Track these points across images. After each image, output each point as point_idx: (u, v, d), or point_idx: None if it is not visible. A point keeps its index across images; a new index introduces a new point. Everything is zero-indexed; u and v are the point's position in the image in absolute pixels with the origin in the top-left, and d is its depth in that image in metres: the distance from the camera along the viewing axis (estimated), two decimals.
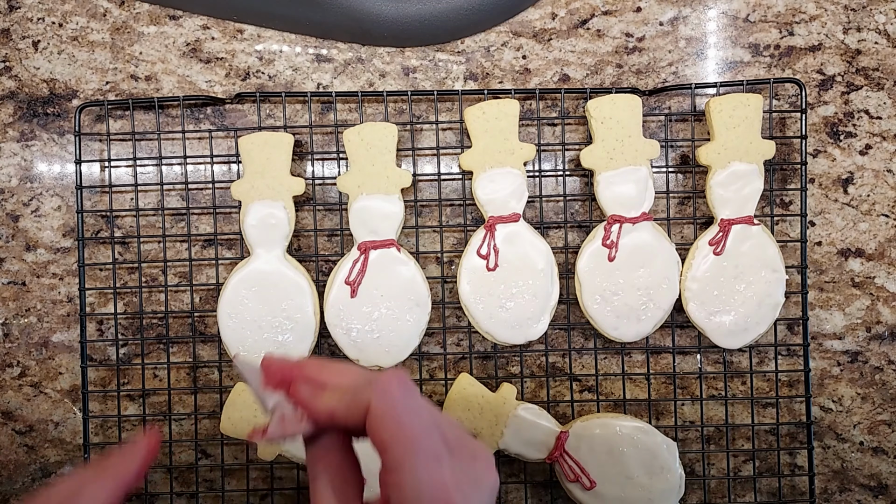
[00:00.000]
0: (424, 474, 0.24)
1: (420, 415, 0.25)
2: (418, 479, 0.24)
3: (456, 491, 0.24)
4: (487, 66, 0.46)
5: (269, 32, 0.46)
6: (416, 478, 0.24)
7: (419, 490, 0.24)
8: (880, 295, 0.46)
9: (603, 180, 0.43)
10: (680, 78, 0.46)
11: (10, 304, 0.46)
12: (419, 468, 0.24)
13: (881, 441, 0.46)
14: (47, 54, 0.45)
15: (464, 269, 0.43)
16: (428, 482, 0.24)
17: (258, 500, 0.46)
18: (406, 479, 0.24)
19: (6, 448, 0.46)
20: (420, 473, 0.24)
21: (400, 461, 0.24)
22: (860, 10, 0.45)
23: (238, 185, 0.43)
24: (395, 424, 0.24)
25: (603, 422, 0.43)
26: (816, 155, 0.46)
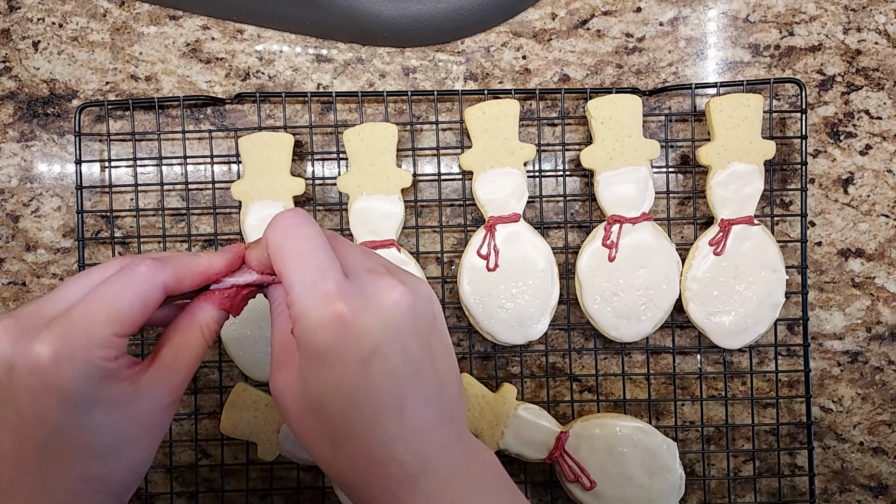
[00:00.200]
0: (308, 287, 0.25)
1: (307, 240, 0.26)
2: (302, 291, 0.25)
3: (336, 299, 0.25)
4: (487, 67, 0.46)
5: (269, 33, 0.46)
6: (301, 290, 0.25)
7: (304, 304, 0.25)
8: (880, 295, 0.46)
9: (603, 180, 0.43)
10: (680, 78, 0.46)
11: (11, 305, 0.46)
12: (304, 283, 0.25)
13: (881, 441, 0.46)
14: (47, 54, 0.45)
15: (464, 269, 0.43)
16: (311, 294, 0.25)
17: (258, 500, 0.46)
18: (295, 297, 0.25)
19: None
20: (304, 287, 0.25)
21: (290, 280, 0.26)
22: (860, 10, 0.45)
23: (238, 186, 0.43)
24: (283, 251, 0.26)
25: (603, 422, 0.43)
26: (816, 155, 0.46)
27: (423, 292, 0.28)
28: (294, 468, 0.45)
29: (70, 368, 0.25)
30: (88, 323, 0.25)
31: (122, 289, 0.26)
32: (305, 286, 0.25)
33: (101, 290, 0.26)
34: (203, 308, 0.30)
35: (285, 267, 0.26)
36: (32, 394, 0.25)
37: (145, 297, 0.27)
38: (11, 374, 0.25)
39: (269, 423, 0.43)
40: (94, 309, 0.26)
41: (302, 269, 0.26)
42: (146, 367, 0.28)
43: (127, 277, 0.26)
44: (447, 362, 0.29)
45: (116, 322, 0.26)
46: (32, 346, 0.25)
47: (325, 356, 0.25)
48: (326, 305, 0.25)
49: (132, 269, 0.27)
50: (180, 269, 0.28)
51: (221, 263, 0.29)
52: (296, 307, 0.26)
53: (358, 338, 0.25)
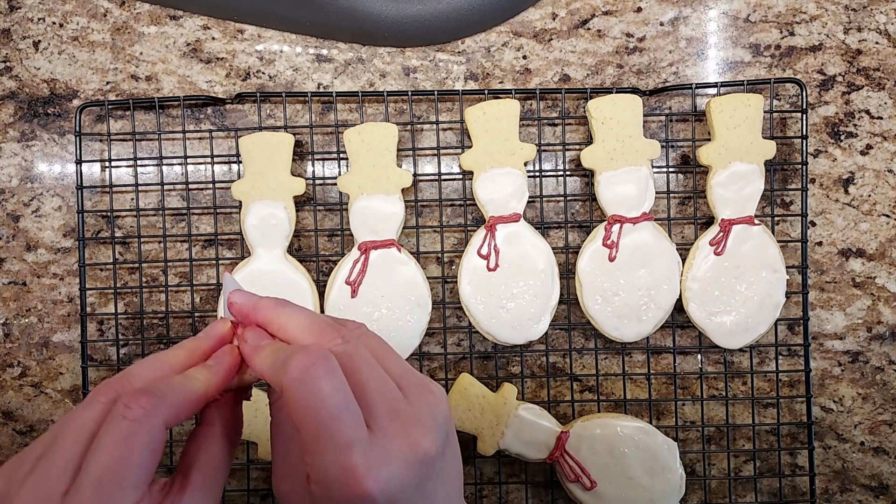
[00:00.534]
0: (332, 461, 0.24)
1: (328, 401, 0.24)
2: (326, 465, 0.24)
3: (365, 477, 0.24)
4: (488, 66, 0.46)
5: (270, 32, 0.46)
6: (325, 464, 0.24)
7: (328, 476, 0.24)
8: (881, 295, 0.46)
9: (603, 180, 0.43)
10: (680, 78, 0.46)
11: (11, 305, 0.46)
12: (327, 455, 0.24)
13: (882, 441, 0.46)
14: (48, 54, 0.45)
15: (464, 269, 0.43)
16: (336, 469, 0.24)
17: (258, 500, 0.46)
18: (316, 462, 0.24)
19: (6, 448, 0.46)
20: (328, 459, 0.24)
21: (310, 446, 0.24)
22: (861, 10, 0.45)
23: (238, 186, 0.43)
24: (303, 412, 0.24)
25: (603, 422, 0.43)
26: (817, 155, 0.46)
27: (441, 420, 0.27)
28: None
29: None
30: (108, 500, 0.23)
31: (125, 448, 0.24)
32: (328, 460, 0.24)
33: (103, 455, 0.23)
34: (222, 414, 0.28)
35: (305, 429, 0.24)
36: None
37: (152, 445, 0.24)
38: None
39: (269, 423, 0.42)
40: (105, 483, 0.23)
41: (325, 439, 0.24)
42: (180, 495, 0.26)
43: (124, 430, 0.24)
44: (456, 471, 0.28)
45: (133, 486, 0.24)
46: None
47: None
48: (354, 485, 0.24)
49: (124, 416, 0.24)
50: (177, 403, 0.25)
51: (218, 382, 0.27)
52: (317, 473, 0.24)
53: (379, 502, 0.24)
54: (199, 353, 0.28)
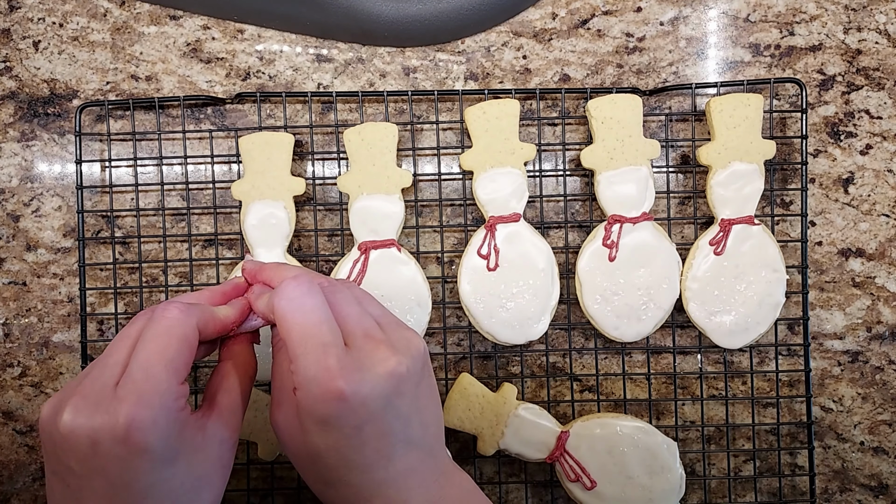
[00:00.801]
0: (312, 361, 0.28)
1: (312, 312, 0.29)
2: (307, 365, 0.28)
3: (338, 376, 0.27)
4: (488, 66, 0.46)
5: (270, 32, 0.46)
6: (306, 365, 0.28)
7: (308, 375, 0.28)
8: (881, 295, 0.46)
9: (603, 180, 0.43)
10: (680, 78, 0.46)
11: (11, 304, 0.46)
12: (308, 357, 0.28)
13: (882, 441, 0.46)
14: (48, 54, 0.45)
15: (464, 268, 0.43)
16: (315, 368, 0.27)
17: (258, 500, 0.46)
18: (299, 366, 0.28)
19: (6, 448, 0.46)
20: (308, 360, 0.28)
21: (294, 352, 0.28)
22: (860, 9, 0.45)
23: (238, 185, 0.43)
24: (288, 323, 0.28)
25: (603, 422, 0.43)
26: (817, 155, 0.46)
27: (414, 351, 0.30)
28: (294, 468, 0.45)
29: (153, 429, 0.26)
30: (153, 381, 0.27)
31: (166, 338, 0.28)
32: (309, 361, 0.28)
33: (148, 344, 0.28)
34: (238, 350, 0.33)
35: (290, 338, 0.28)
36: (121, 461, 0.26)
37: (187, 339, 0.28)
38: (97, 447, 0.26)
39: (269, 424, 0.42)
40: (151, 365, 0.27)
41: (306, 342, 0.28)
42: (208, 414, 0.30)
43: (164, 325, 0.28)
44: (431, 405, 0.32)
45: (174, 370, 0.27)
46: (112, 418, 0.26)
47: (325, 422, 0.28)
48: (328, 381, 0.27)
49: (164, 316, 0.29)
50: (206, 316, 0.30)
51: (235, 315, 0.32)
52: (299, 376, 0.28)
53: (354, 409, 0.28)
54: (219, 294, 0.33)
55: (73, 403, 0.27)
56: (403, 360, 0.29)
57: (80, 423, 0.26)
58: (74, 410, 0.26)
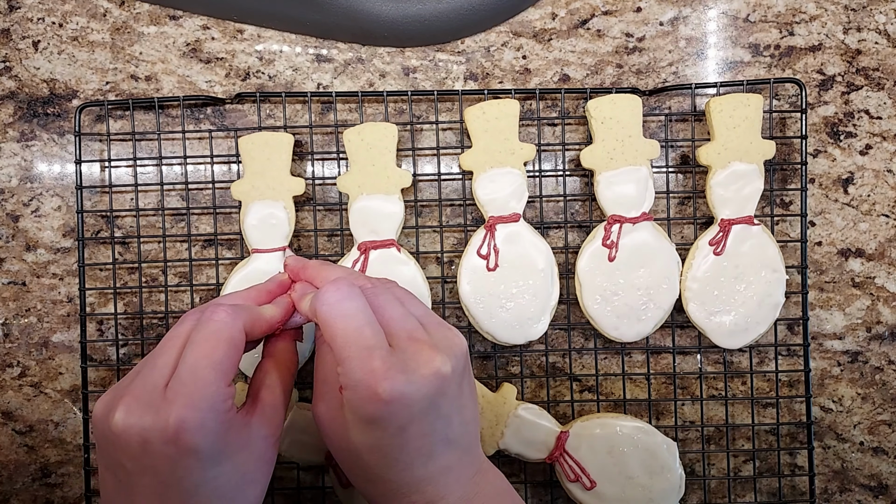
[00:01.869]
0: (357, 365, 0.28)
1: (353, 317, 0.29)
2: (353, 368, 0.28)
3: (383, 378, 0.28)
4: (487, 66, 0.46)
5: (269, 32, 0.46)
6: (352, 368, 0.28)
7: (354, 378, 0.28)
8: (880, 295, 0.46)
9: (603, 180, 0.43)
10: (680, 78, 0.46)
11: (10, 304, 0.46)
12: (353, 360, 0.28)
13: (881, 441, 0.46)
14: (47, 54, 0.45)
15: (464, 269, 0.43)
16: (360, 371, 0.28)
17: None
18: (345, 369, 0.29)
19: (6, 448, 0.46)
20: (354, 364, 0.28)
21: (340, 356, 0.29)
22: (860, 10, 0.45)
23: (238, 186, 0.43)
24: (332, 328, 0.29)
25: (603, 422, 0.43)
26: (816, 155, 0.46)
27: (457, 350, 0.31)
28: (294, 468, 0.45)
29: (202, 431, 0.27)
30: (201, 383, 0.28)
31: (214, 341, 0.29)
32: (354, 364, 0.28)
33: (196, 347, 0.29)
34: (281, 348, 0.34)
35: (335, 343, 0.29)
36: (171, 461, 0.27)
37: (235, 342, 0.29)
38: (147, 447, 0.27)
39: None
40: (200, 367, 0.28)
41: (350, 346, 0.29)
42: (252, 411, 0.31)
43: (212, 328, 0.29)
44: (471, 404, 0.32)
45: (222, 373, 0.28)
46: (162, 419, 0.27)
47: (370, 422, 0.29)
48: (374, 384, 0.28)
49: (212, 319, 0.29)
50: (253, 317, 0.31)
51: (281, 314, 0.33)
52: (346, 377, 0.29)
53: (400, 410, 0.28)
54: (265, 292, 0.34)
55: (125, 403, 0.28)
56: (447, 361, 0.29)
57: (132, 422, 0.27)
58: (126, 410, 0.27)
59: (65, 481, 0.46)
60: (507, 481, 0.33)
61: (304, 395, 0.44)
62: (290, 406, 0.42)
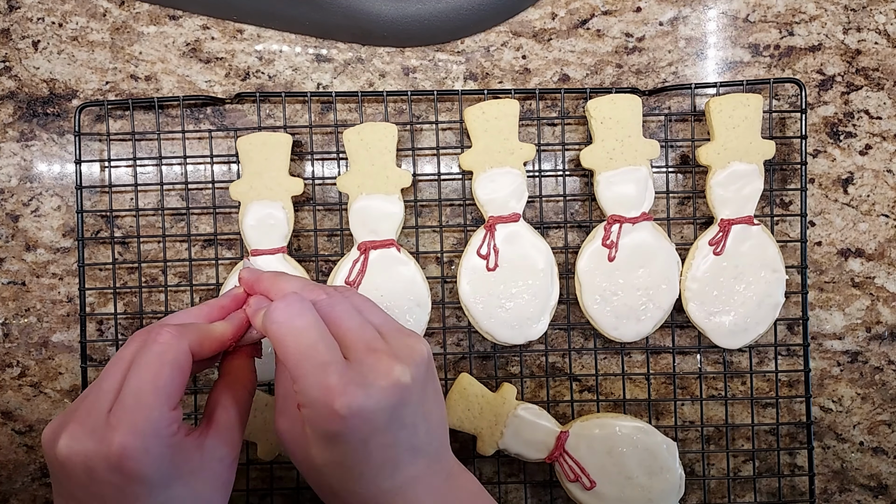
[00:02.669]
0: (313, 382, 0.27)
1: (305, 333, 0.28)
2: (309, 387, 0.28)
3: (340, 394, 0.27)
4: (487, 66, 0.46)
5: (269, 32, 0.46)
6: (307, 385, 0.28)
7: (310, 396, 0.28)
8: (880, 295, 0.46)
9: (603, 180, 0.43)
10: (680, 78, 0.46)
11: (10, 304, 0.46)
12: (308, 378, 0.28)
13: (881, 441, 0.46)
14: (47, 54, 0.45)
15: (464, 269, 0.43)
16: (316, 388, 0.27)
17: (258, 500, 0.46)
18: (300, 387, 0.28)
19: (6, 448, 0.46)
20: (309, 382, 0.28)
21: (294, 374, 0.28)
22: (860, 10, 0.45)
23: (236, 186, 0.43)
24: (283, 346, 0.28)
25: (603, 422, 0.43)
26: (816, 155, 0.46)
27: (418, 358, 0.30)
28: (294, 468, 0.45)
29: (146, 457, 0.26)
30: (144, 408, 0.27)
31: (157, 364, 0.28)
32: (310, 382, 0.27)
33: (139, 371, 0.28)
34: (237, 366, 0.33)
35: (288, 362, 0.28)
36: (117, 488, 0.27)
37: (179, 364, 0.28)
38: (92, 474, 0.26)
39: (269, 424, 0.43)
40: (142, 392, 0.27)
41: (303, 364, 0.28)
42: (206, 432, 0.30)
43: (155, 350, 0.28)
44: (436, 409, 0.31)
45: (165, 396, 0.27)
46: (105, 446, 0.26)
47: (330, 438, 0.28)
48: (331, 401, 0.27)
49: (156, 341, 0.29)
50: (200, 336, 0.30)
51: (233, 330, 0.32)
52: (302, 396, 0.28)
53: (360, 424, 0.27)
54: (217, 308, 0.33)
55: (69, 430, 0.27)
56: (407, 370, 0.28)
57: (76, 449, 0.27)
58: (70, 437, 0.27)
59: None
60: (479, 484, 0.33)
61: None
62: None
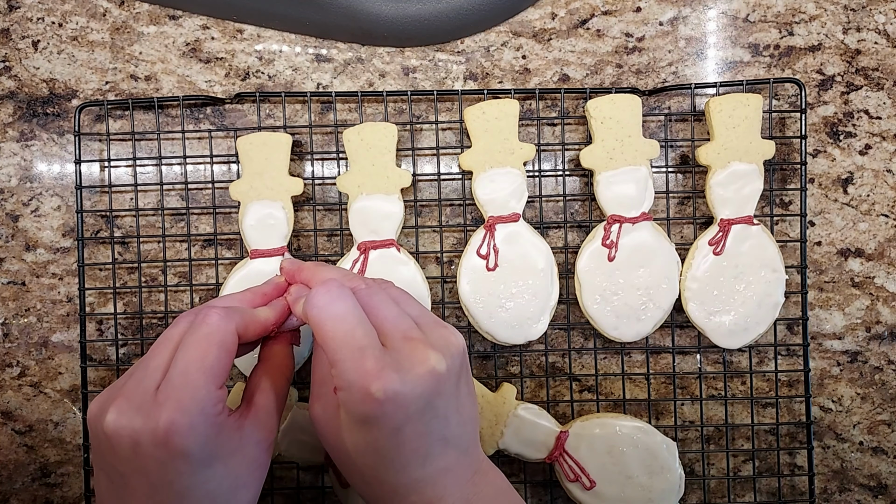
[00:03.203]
0: (350, 366, 0.28)
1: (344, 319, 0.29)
2: (346, 370, 0.28)
3: (377, 378, 0.27)
4: (487, 66, 0.46)
5: (269, 32, 0.46)
6: (344, 369, 0.28)
7: (348, 379, 0.28)
8: (880, 295, 0.46)
9: (603, 180, 0.43)
10: (680, 78, 0.46)
11: (10, 304, 0.46)
12: (346, 362, 0.28)
13: (881, 441, 0.46)
14: (47, 54, 0.45)
15: (464, 268, 0.43)
16: (353, 372, 0.28)
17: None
18: (338, 370, 0.28)
19: (6, 448, 0.46)
20: (347, 365, 0.28)
21: (332, 358, 0.29)
22: (860, 10, 0.45)
23: (236, 186, 0.43)
24: (322, 330, 0.29)
25: (603, 421, 0.43)
26: (816, 155, 0.46)
27: (454, 349, 0.30)
28: (294, 468, 0.45)
29: (191, 434, 0.27)
30: (192, 386, 0.28)
31: (205, 344, 0.29)
32: (347, 366, 0.28)
33: (188, 350, 0.29)
34: (277, 351, 0.34)
35: (326, 346, 0.29)
36: (160, 463, 0.27)
37: (226, 345, 0.29)
38: (138, 448, 0.27)
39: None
40: (190, 371, 0.28)
41: (341, 348, 0.28)
42: (245, 414, 0.31)
43: (204, 331, 0.29)
44: (469, 403, 0.32)
45: (212, 376, 0.28)
46: (152, 422, 0.27)
47: (364, 422, 0.28)
48: (368, 384, 0.27)
49: (204, 322, 0.29)
50: (246, 319, 0.31)
51: (276, 316, 0.33)
52: (339, 379, 0.28)
53: (395, 410, 0.28)
54: (260, 294, 0.34)
55: (117, 405, 0.28)
56: (443, 359, 0.29)
57: (123, 424, 0.27)
58: (118, 412, 0.27)
59: (64, 481, 0.46)
60: (507, 481, 0.33)
61: (304, 394, 0.44)
62: (290, 406, 0.42)
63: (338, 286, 0.30)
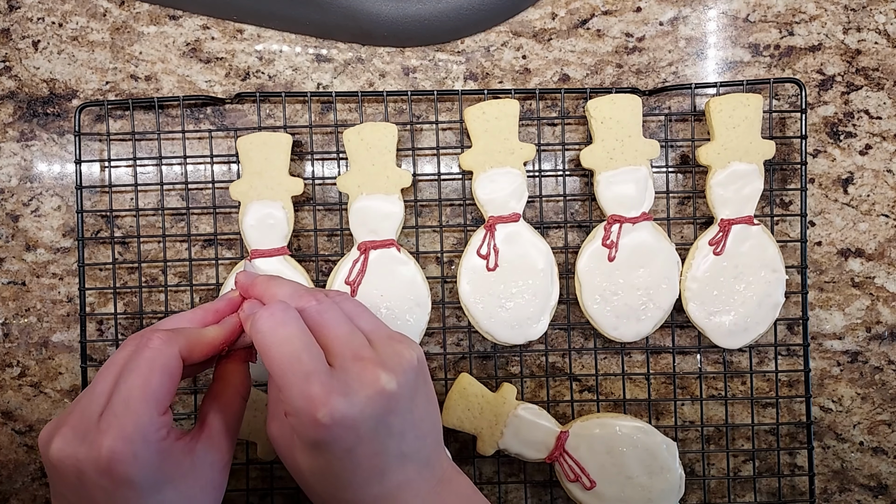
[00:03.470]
0: (296, 392, 0.27)
1: (288, 343, 0.28)
2: (293, 397, 0.28)
3: (323, 404, 0.27)
4: (487, 66, 0.46)
5: (269, 32, 0.46)
6: (291, 395, 0.28)
7: (295, 406, 0.28)
8: (880, 295, 0.46)
9: (603, 180, 0.43)
10: (680, 78, 0.46)
11: (10, 304, 0.46)
12: (292, 388, 0.28)
13: (881, 441, 0.46)
14: (47, 54, 0.45)
15: (464, 269, 0.43)
16: (299, 398, 0.27)
17: (258, 500, 0.46)
18: (285, 396, 0.28)
19: (6, 448, 0.46)
20: (293, 392, 0.28)
21: (279, 383, 0.28)
22: (860, 10, 0.45)
23: (236, 186, 0.43)
24: (268, 356, 0.28)
25: (603, 422, 0.43)
26: (816, 155, 0.46)
27: (406, 365, 0.29)
28: None
29: (135, 462, 0.27)
30: (133, 413, 0.27)
31: (146, 370, 0.28)
32: (294, 392, 0.28)
33: (129, 376, 0.28)
34: (230, 370, 0.33)
35: (273, 371, 0.28)
36: (106, 492, 0.27)
37: (169, 369, 0.29)
38: (83, 477, 0.27)
39: None
40: (132, 398, 0.27)
41: (286, 374, 0.28)
42: (197, 437, 0.30)
43: (146, 355, 0.29)
44: (428, 415, 0.31)
45: (155, 402, 0.28)
46: (95, 450, 0.27)
47: (315, 447, 0.28)
48: (314, 411, 0.27)
49: (147, 346, 0.29)
50: (191, 341, 0.30)
51: (225, 334, 0.32)
52: (287, 405, 0.28)
53: (343, 434, 0.28)
54: (212, 311, 0.33)
55: (62, 433, 0.27)
56: (393, 378, 0.28)
57: (68, 453, 0.27)
58: (63, 440, 0.27)
59: None
60: (473, 486, 0.33)
61: None
62: None
63: (282, 309, 0.29)
